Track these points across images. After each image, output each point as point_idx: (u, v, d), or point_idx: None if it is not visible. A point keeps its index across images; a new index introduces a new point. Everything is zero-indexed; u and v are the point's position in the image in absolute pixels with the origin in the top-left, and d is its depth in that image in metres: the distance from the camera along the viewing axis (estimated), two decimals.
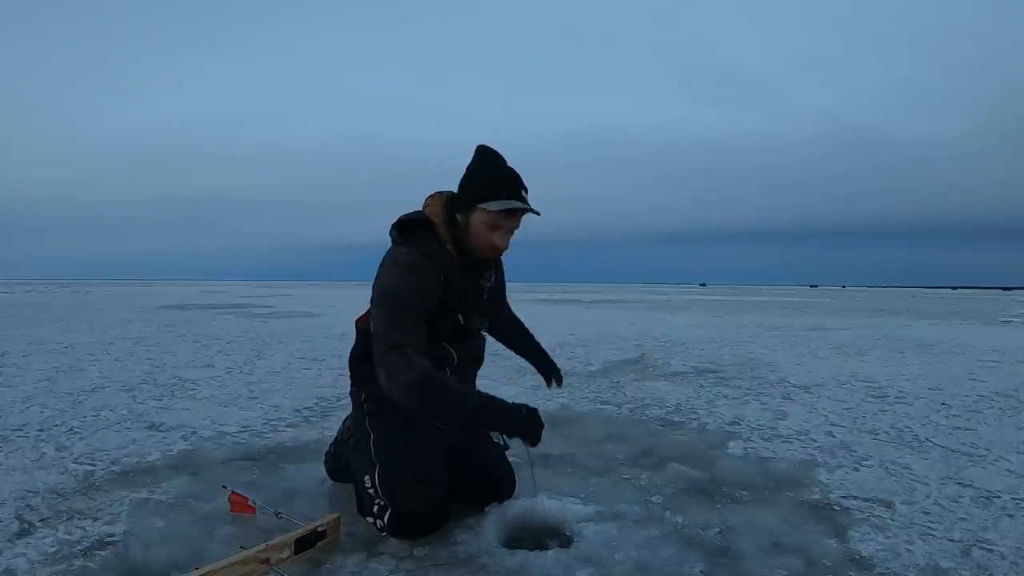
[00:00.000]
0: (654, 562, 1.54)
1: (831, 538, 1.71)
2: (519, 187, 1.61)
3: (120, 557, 1.55)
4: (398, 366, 1.47)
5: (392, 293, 1.57)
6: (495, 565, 1.51)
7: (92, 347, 5.93)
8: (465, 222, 1.63)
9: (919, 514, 1.89)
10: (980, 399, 3.77)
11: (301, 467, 2.27)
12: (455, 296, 1.67)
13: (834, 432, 2.91)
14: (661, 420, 3.12)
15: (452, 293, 1.65)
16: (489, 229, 1.61)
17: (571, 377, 4.41)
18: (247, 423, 2.94)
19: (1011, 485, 2.18)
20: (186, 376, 4.29)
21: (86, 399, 3.46)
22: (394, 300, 1.56)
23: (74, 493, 1.99)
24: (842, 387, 4.15)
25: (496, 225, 1.60)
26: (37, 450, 2.45)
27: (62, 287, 36.87)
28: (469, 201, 1.61)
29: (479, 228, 1.61)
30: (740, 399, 3.70)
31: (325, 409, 3.24)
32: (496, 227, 1.61)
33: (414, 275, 1.58)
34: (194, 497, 1.95)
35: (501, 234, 1.63)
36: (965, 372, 4.92)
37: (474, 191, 1.61)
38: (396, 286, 1.57)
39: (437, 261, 1.63)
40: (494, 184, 1.60)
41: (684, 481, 2.16)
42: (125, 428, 2.83)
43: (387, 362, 1.49)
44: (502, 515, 1.78)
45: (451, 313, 1.68)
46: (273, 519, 1.68)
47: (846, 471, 2.31)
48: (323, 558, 1.54)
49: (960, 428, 3.02)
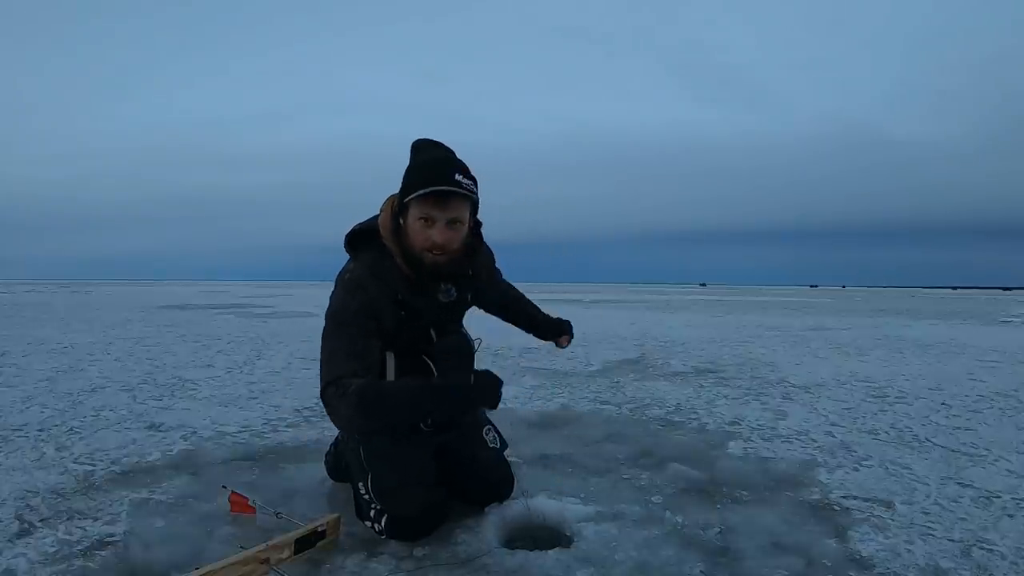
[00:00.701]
0: (654, 562, 1.54)
1: (831, 538, 1.71)
2: (448, 169, 1.42)
3: (120, 557, 1.55)
4: (336, 400, 1.43)
5: (331, 315, 1.51)
6: (495, 565, 1.51)
7: (92, 347, 5.93)
8: (404, 224, 1.49)
9: (919, 514, 1.89)
10: (980, 399, 3.77)
11: (301, 467, 2.27)
12: (413, 316, 1.57)
13: (834, 432, 2.91)
14: (661, 420, 3.12)
15: (410, 313, 1.55)
16: (423, 225, 1.44)
17: (571, 377, 4.40)
18: (247, 423, 2.94)
19: (1011, 485, 2.18)
20: (186, 376, 4.29)
21: (86, 399, 3.46)
22: (333, 322, 1.50)
23: (74, 493, 1.99)
24: (842, 387, 4.15)
25: (429, 217, 1.43)
26: (37, 450, 2.45)
27: (62, 287, 36.85)
28: (402, 199, 1.48)
29: (414, 226, 1.46)
30: (740, 399, 3.70)
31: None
32: (430, 220, 1.44)
33: (359, 292, 1.49)
34: (194, 497, 1.95)
35: (439, 228, 1.44)
36: (965, 372, 4.92)
37: (405, 187, 1.47)
38: (336, 307, 1.51)
39: (386, 280, 1.51)
40: (419, 172, 1.45)
41: (684, 481, 2.16)
42: (125, 428, 2.83)
43: (326, 401, 1.46)
44: (502, 515, 1.78)
45: (419, 329, 1.61)
46: (273, 519, 1.68)
47: (846, 471, 2.31)
48: (323, 558, 1.54)
49: (960, 428, 3.02)
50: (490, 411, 1.47)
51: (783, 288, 74.99)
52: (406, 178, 1.49)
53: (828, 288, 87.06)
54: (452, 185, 1.41)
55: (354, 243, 1.59)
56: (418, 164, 1.49)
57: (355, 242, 1.59)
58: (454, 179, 1.41)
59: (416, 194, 1.43)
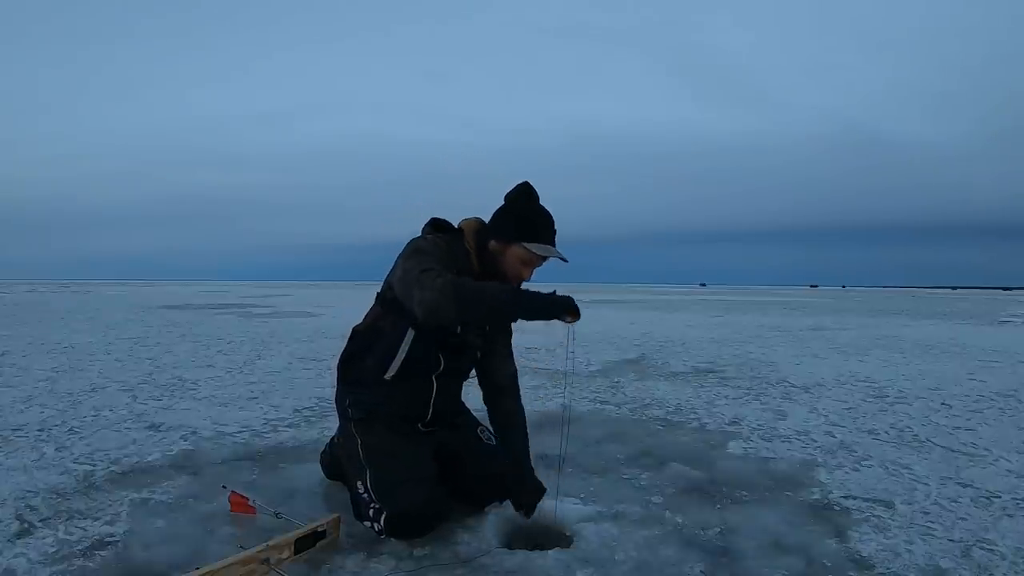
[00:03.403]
0: (654, 562, 1.54)
1: (831, 538, 1.71)
2: (555, 232, 1.75)
3: (120, 557, 1.55)
4: (431, 279, 1.50)
5: (420, 247, 1.65)
6: (495, 565, 1.51)
7: (92, 347, 5.94)
8: (501, 251, 1.73)
9: (919, 514, 1.89)
10: (980, 399, 3.77)
11: (301, 467, 2.27)
12: None
13: (834, 432, 2.91)
14: (661, 420, 3.12)
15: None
16: (522, 264, 1.73)
17: (571, 377, 4.41)
18: (247, 423, 2.94)
19: (1011, 485, 2.18)
20: (186, 376, 4.29)
21: (86, 399, 3.46)
22: (423, 250, 1.63)
23: (74, 493, 1.99)
24: (842, 387, 4.15)
25: (530, 262, 1.73)
26: (37, 450, 2.45)
27: (62, 287, 36.88)
28: (511, 235, 1.71)
29: (513, 261, 1.72)
30: (740, 399, 3.70)
31: (325, 409, 3.23)
32: (529, 264, 1.73)
33: (439, 245, 1.68)
34: (194, 497, 1.95)
35: (531, 270, 1.76)
36: (965, 372, 4.92)
37: (520, 228, 1.71)
38: (424, 244, 1.66)
39: (457, 258, 1.71)
40: (539, 228, 1.72)
41: (684, 481, 2.16)
42: (125, 428, 2.83)
43: (421, 280, 1.52)
44: (502, 515, 1.78)
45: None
46: (273, 519, 1.68)
47: (846, 471, 2.31)
48: (323, 558, 1.54)
49: (960, 428, 3.02)
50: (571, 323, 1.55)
51: (783, 288, 74.95)
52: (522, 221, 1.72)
53: (828, 288, 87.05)
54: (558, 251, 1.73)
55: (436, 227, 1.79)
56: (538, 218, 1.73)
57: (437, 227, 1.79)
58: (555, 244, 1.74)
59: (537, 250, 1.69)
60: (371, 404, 1.77)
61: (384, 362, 1.71)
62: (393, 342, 1.70)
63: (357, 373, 1.79)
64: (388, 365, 1.71)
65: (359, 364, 1.79)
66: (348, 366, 1.83)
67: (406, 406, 1.77)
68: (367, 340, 1.77)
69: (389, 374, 1.72)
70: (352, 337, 1.84)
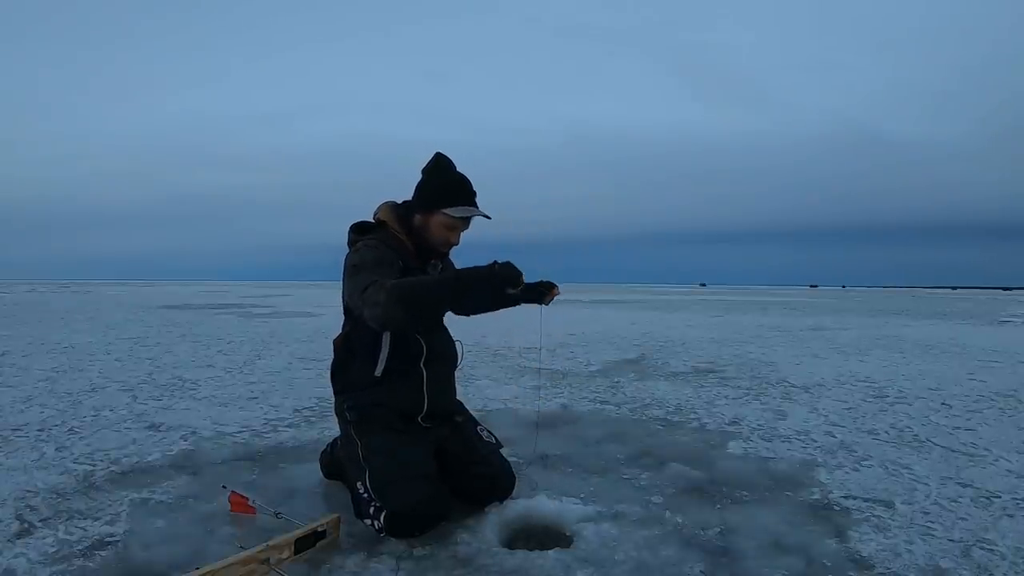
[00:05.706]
0: (654, 562, 1.54)
1: (831, 538, 1.71)
2: (473, 194, 1.86)
3: (120, 557, 1.55)
4: (375, 293, 1.55)
5: (357, 263, 1.71)
6: (495, 565, 1.51)
7: (92, 347, 5.94)
8: (425, 223, 1.84)
9: (919, 514, 1.89)
10: (980, 399, 3.77)
11: (301, 467, 2.27)
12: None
13: (834, 432, 2.91)
14: (661, 420, 3.12)
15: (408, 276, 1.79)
16: (448, 229, 1.84)
17: (571, 377, 4.41)
18: (247, 423, 2.94)
19: (1011, 485, 2.18)
20: (186, 376, 4.29)
21: (86, 399, 3.46)
22: (361, 266, 1.69)
23: (74, 493, 1.99)
24: (842, 387, 4.15)
25: (454, 226, 1.84)
26: (37, 450, 2.45)
27: (62, 287, 36.88)
28: (431, 204, 1.82)
29: (438, 228, 1.83)
30: (740, 399, 3.70)
31: (325, 409, 3.23)
32: (454, 228, 1.84)
33: (375, 250, 1.76)
34: (194, 497, 1.96)
35: (457, 234, 1.87)
36: (965, 372, 4.92)
37: (437, 197, 1.83)
38: (355, 260, 1.73)
39: (393, 250, 1.80)
40: (455, 192, 1.83)
41: (684, 481, 2.16)
42: (125, 428, 2.83)
43: (364, 298, 1.57)
44: (502, 515, 1.78)
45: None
46: (273, 519, 1.68)
47: (846, 471, 2.31)
48: (323, 558, 1.54)
49: (960, 428, 3.02)
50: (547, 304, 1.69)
51: (783, 288, 74.95)
52: (438, 189, 1.82)
53: (828, 288, 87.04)
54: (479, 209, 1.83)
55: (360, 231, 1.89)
56: (453, 183, 1.84)
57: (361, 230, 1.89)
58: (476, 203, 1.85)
59: (457, 212, 1.80)
60: (368, 404, 1.79)
61: (371, 361, 1.78)
62: (374, 341, 1.78)
63: (349, 378, 1.85)
64: (376, 363, 1.77)
65: (348, 370, 1.85)
66: (339, 375, 1.89)
67: (402, 400, 1.81)
68: (349, 347, 1.85)
69: (379, 371, 1.78)
70: (335, 349, 1.91)
